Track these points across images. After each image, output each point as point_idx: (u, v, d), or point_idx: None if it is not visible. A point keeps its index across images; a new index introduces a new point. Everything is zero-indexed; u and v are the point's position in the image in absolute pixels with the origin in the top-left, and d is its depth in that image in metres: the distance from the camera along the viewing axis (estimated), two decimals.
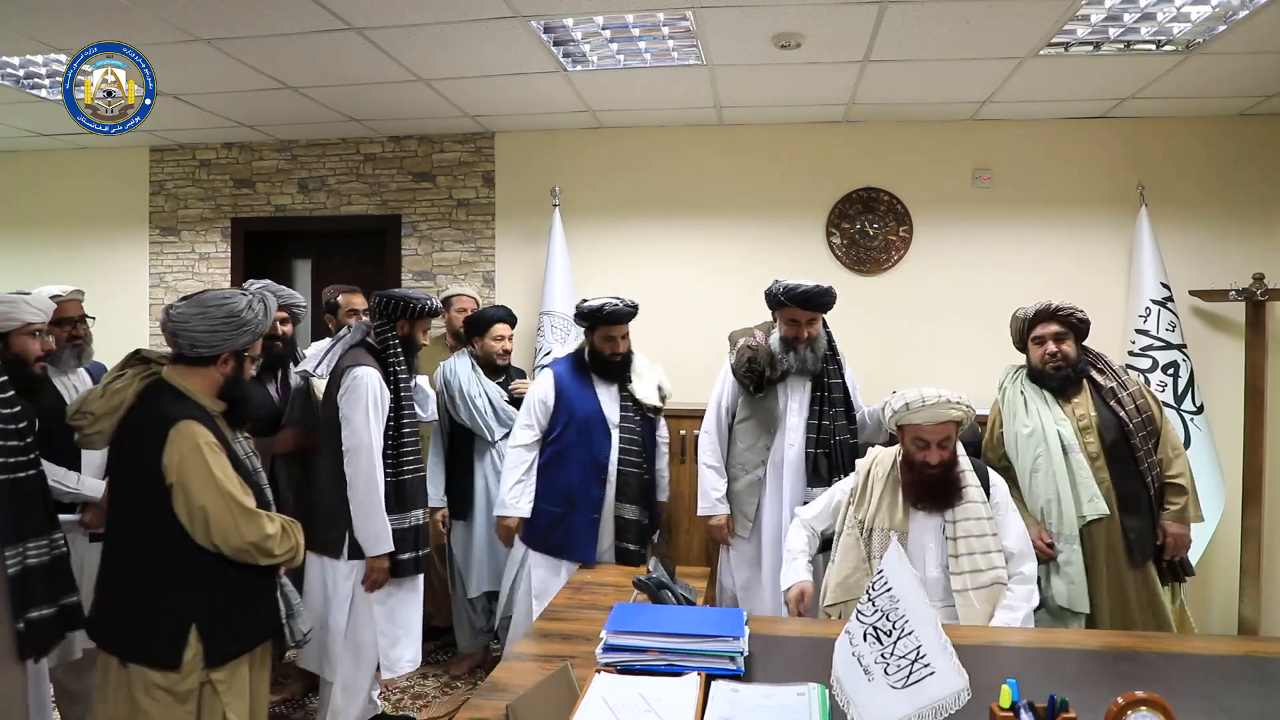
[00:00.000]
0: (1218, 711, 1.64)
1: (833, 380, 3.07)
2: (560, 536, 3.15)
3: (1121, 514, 2.70)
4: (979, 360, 4.27)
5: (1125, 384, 2.82)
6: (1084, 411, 2.78)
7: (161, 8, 2.98)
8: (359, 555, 2.69)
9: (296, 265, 5.22)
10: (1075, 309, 2.84)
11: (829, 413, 3.02)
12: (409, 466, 2.80)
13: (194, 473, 1.99)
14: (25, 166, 5.04)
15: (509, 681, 1.85)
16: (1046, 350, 2.82)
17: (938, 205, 4.37)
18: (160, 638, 1.98)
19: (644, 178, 4.58)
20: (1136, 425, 2.74)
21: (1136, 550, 2.69)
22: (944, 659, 1.35)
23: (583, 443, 3.18)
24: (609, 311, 3.18)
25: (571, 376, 3.29)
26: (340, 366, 2.78)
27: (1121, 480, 2.72)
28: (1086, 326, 2.86)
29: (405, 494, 2.78)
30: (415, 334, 2.89)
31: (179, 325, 2.09)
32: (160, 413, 2.04)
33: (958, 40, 3.24)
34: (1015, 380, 2.92)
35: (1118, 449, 2.73)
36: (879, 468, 2.53)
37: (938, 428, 2.37)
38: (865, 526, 2.43)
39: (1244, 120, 4.15)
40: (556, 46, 3.42)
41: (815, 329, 3.04)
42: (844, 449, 3.02)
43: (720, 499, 3.14)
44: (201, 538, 2.01)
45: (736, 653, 1.79)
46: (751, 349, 3.02)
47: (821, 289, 3.00)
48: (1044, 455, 2.71)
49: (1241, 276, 3.98)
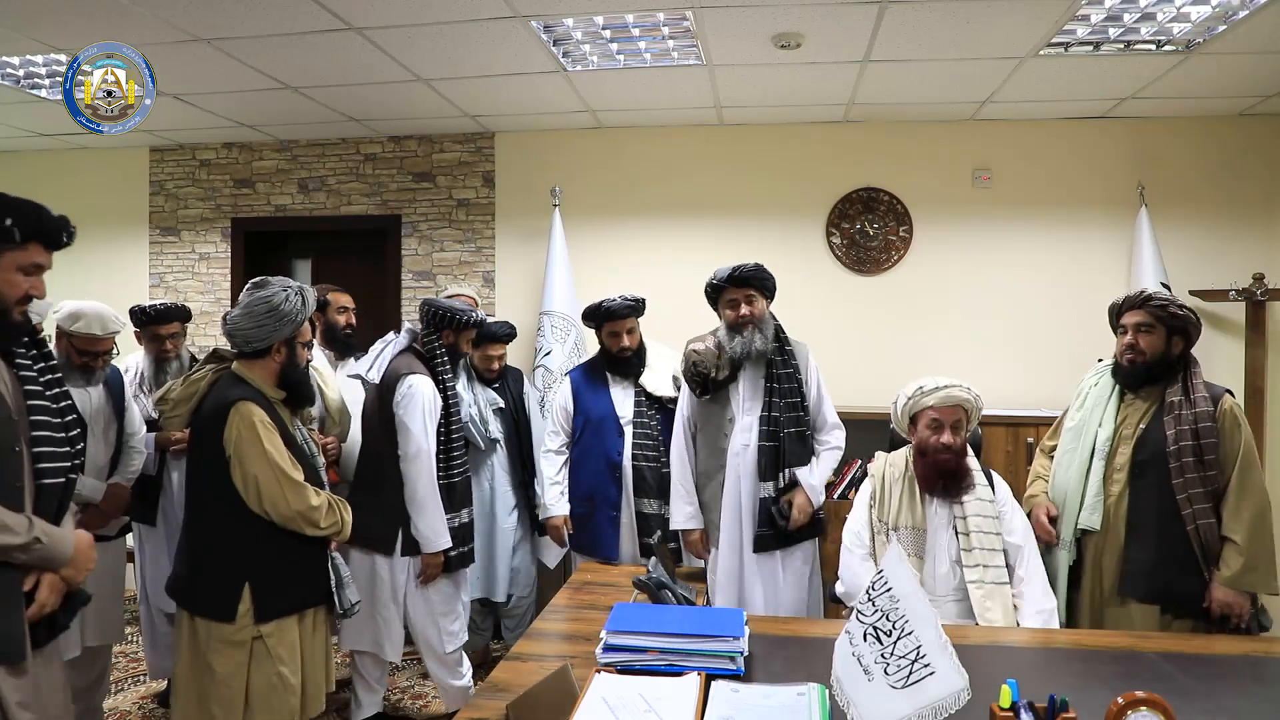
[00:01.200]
0: (1218, 711, 1.64)
1: (782, 370, 2.86)
2: (589, 535, 3.30)
3: (1128, 538, 2.43)
4: (979, 360, 4.29)
5: (1195, 402, 2.40)
6: (1136, 419, 2.51)
7: (161, 8, 2.98)
8: (412, 551, 2.84)
9: (296, 265, 5.22)
10: (1172, 300, 2.50)
11: (778, 404, 2.83)
12: (457, 469, 2.95)
13: (248, 446, 2.25)
14: (25, 166, 5.04)
15: (509, 681, 1.84)
16: (1125, 341, 2.53)
17: (938, 205, 4.37)
18: (219, 593, 2.27)
19: (644, 178, 4.58)
20: (1182, 449, 2.36)
21: (1129, 583, 2.41)
22: (944, 659, 1.35)
23: (597, 442, 3.29)
24: (608, 308, 3.29)
25: (587, 379, 3.40)
26: (393, 373, 2.89)
27: (1141, 503, 2.43)
28: (1185, 325, 2.47)
29: (455, 494, 2.92)
30: (460, 344, 3.04)
31: (233, 327, 2.37)
32: (224, 396, 2.32)
33: (958, 40, 3.24)
34: (1096, 373, 2.70)
35: (1148, 470, 2.42)
36: (892, 469, 2.56)
37: (950, 409, 2.44)
38: (889, 526, 2.47)
39: (1244, 120, 4.15)
40: (556, 46, 3.42)
41: (758, 308, 2.85)
42: (791, 440, 2.82)
43: (690, 514, 2.95)
44: (255, 505, 2.26)
45: (736, 653, 1.78)
46: (697, 352, 2.89)
47: (752, 264, 2.87)
48: (1073, 452, 2.58)
49: (1241, 276, 3.98)
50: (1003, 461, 3.88)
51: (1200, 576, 2.36)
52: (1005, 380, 4.22)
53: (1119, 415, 2.55)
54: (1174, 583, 2.37)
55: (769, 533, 2.81)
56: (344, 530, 2.41)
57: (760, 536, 2.82)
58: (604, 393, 3.33)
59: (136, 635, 3.63)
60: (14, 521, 1.61)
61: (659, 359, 3.40)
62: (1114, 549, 2.45)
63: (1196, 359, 2.53)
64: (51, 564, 1.68)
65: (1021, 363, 4.24)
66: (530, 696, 1.55)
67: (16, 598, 1.64)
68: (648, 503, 3.23)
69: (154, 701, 3.38)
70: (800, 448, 2.84)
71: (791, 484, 2.83)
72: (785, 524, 2.79)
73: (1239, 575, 2.31)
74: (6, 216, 1.65)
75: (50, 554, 1.67)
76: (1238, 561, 2.31)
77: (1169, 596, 2.39)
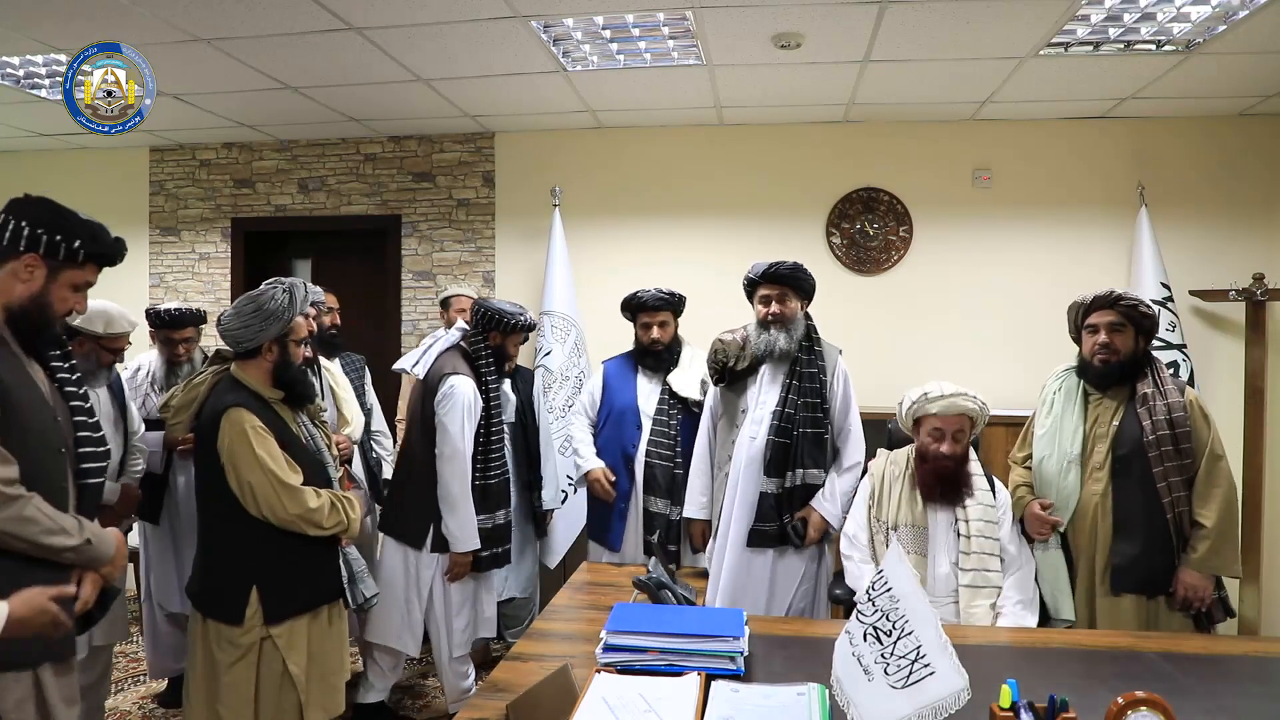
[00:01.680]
0: (1218, 711, 1.64)
1: (806, 370, 2.84)
2: (600, 523, 3.35)
3: (1115, 535, 2.45)
4: (979, 360, 4.29)
5: (1166, 393, 2.46)
6: (1108, 416, 2.52)
7: (161, 8, 2.98)
8: (442, 549, 2.89)
9: (296, 265, 5.22)
10: (1141, 301, 2.53)
11: (795, 401, 2.80)
12: (495, 470, 2.99)
13: (240, 453, 2.25)
14: (25, 166, 5.04)
15: (509, 681, 1.84)
16: (1098, 340, 2.51)
17: (938, 205, 4.37)
18: (227, 596, 2.29)
19: (644, 178, 4.58)
20: (1160, 439, 2.40)
21: (1119, 577, 2.43)
22: (944, 659, 1.35)
23: (616, 434, 3.33)
24: (640, 298, 3.34)
25: (620, 370, 3.45)
26: (437, 371, 2.92)
27: (1124, 498, 2.45)
28: (1150, 324, 2.53)
29: (490, 496, 2.96)
30: (507, 346, 3.07)
31: (224, 329, 2.38)
32: (218, 403, 2.33)
33: (958, 40, 3.24)
34: (1058, 378, 2.69)
35: (1129, 464, 2.44)
36: (893, 467, 2.56)
37: (953, 419, 2.43)
38: (888, 525, 2.46)
39: (1244, 120, 4.15)
40: (556, 46, 3.42)
41: (789, 308, 2.85)
42: (806, 440, 2.78)
43: (702, 505, 2.98)
44: (253, 510, 2.27)
45: (736, 653, 1.79)
46: (722, 341, 2.93)
47: (789, 263, 2.87)
48: (1048, 458, 2.59)
49: (1241, 276, 3.98)
50: (1002, 461, 3.83)
51: (1158, 552, 2.42)
52: (1005, 380, 4.21)
53: (1089, 415, 2.56)
54: (1158, 571, 2.42)
55: (765, 528, 2.77)
56: (351, 528, 2.41)
57: (755, 531, 2.77)
58: (631, 384, 3.37)
59: (137, 635, 3.63)
60: (68, 524, 1.65)
61: (693, 360, 3.38)
62: (1102, 546, 2.47)
63: (1154, 355, 2.61)
64: (97, 563, 1.71)
65: (1021, 363, 4.23)
66: (530, 696, 1.55)
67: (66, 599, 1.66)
68: (655, 501, 3.23)
69: (154, 701, 3.38)
70: (816, 450, 2.79)
71: (802, 485, 2.77)
72: (800, 542, 2.77)
73: (1205, 558, 2.37)
74: (78, 239, 1.74)
75: (98, 554, 1.70)
76: (1204, 545, 2.38)
77: (1154, 585, 2.43)
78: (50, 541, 1.61)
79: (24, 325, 1.72)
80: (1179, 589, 2.40)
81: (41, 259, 1.71)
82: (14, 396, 1.63)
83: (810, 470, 2.78)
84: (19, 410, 1.63)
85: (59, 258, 1.72)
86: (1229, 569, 2.41)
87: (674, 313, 3.43)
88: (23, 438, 1.62)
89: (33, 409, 1.68)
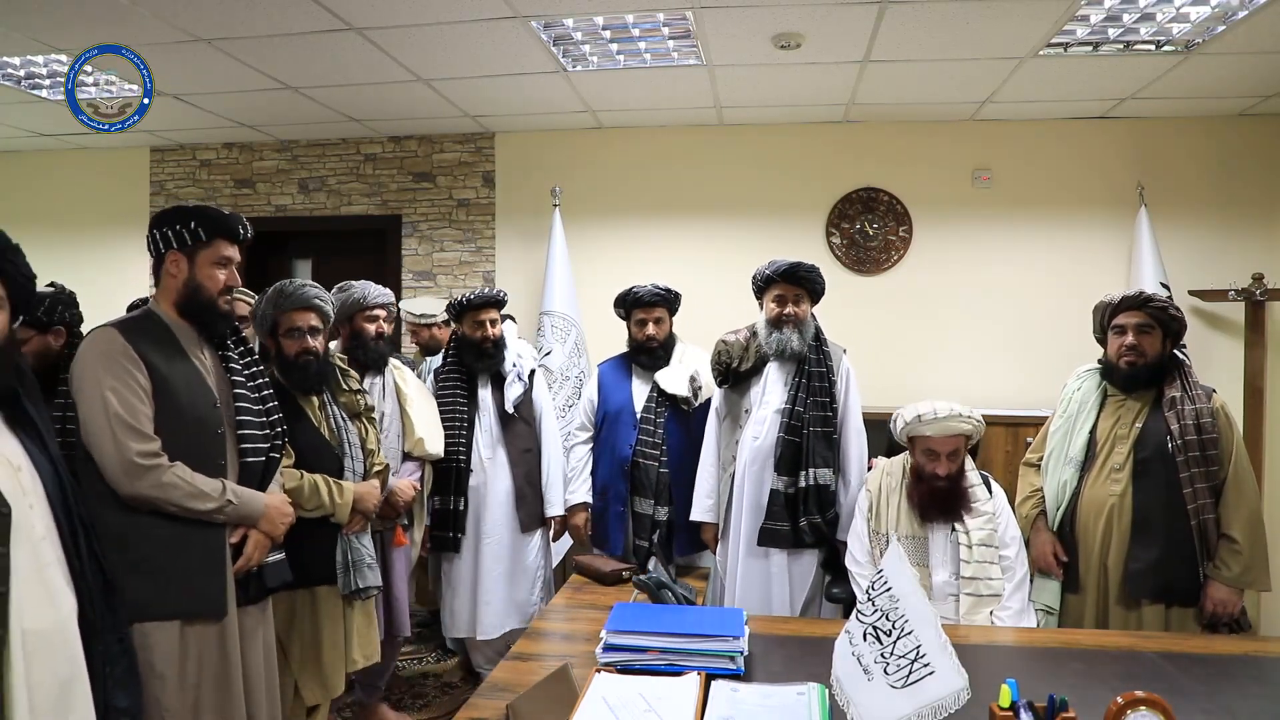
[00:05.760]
0: (1218, 711, 1.64)
1: (815, 369, 2.83)
2: (601, 529, 3.27)
3: (1133, 538, 2.38)
4: (979, 360, 4.30)
5: (1195, 398, 2.40)
6: (1130, 418, 2.47)
7: (161, 8, 2.98)
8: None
9: (297, 265, 5.22)
10: (1170, 304, 2.49)
11: (804, 400, 2.80)
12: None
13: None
14: (25, 166, 5.04)
15: (509, 681, 1.84)
16: (1125, 341, 2.46)
17: (938, 205, 4.37)
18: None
19: (644, 178, 4.58)
20: (1188, 443, 2.34)
21: (1135, 583, 2.37)
22: (944, 659, 1.35)
23: (612, 436, 3.25)
24: (635, 294, 3.26)
25: (614, 371, 3.38)
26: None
27: (1145, 501, 2.38)
28: (1179, 326, 2.48)
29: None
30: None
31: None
32: None
33: (958, 40, 3.24)
34: (1079, 379, 2.65)
35: (1151, 465, 2.39)
36: (889, 478, 2.53)
37: (947, 440, 2.38)
38: (885, 536, 2.43)
39: (1244, 120, 4.15)
40: (556, 46, 3.42)
41: (803, 309, 2.85)
42: (817, 439, 2.77)
43: (709, 508, 2.96)
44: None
45: (736, 652, 1.79)
46: (725, 343, 2.90)
47: (806, 264, 2.86)
48: (1056, 454, 2.57)
49: (1241, 276, 3.98)
50: (1002, 461, 3.87)
51: (1199, 568, 2.36)
52: (1005, 380, 4.22)
53: (1112, 417, 2.51)
54: (1177, 578, 2.36)
55: (776, 528, 2.74)
56: (338, 513, 2.42)
57: (765, 530, 2.75)
58: (625, 385, 3.28)
59: None
60: (209, 487, 1.89)
61: (684, 356, 3.30)
62: (1117, 548, 2.41)
63: (1181, 357, 2.55)
64: (247, 520, 1.98)
65: (1021, 363, 4.24)
66: (530, 696, 1.55)
67: (217, 558, 1.92)
68: (641, 501, 3.13)
69: None
70: (826, 449, 2.77)
71: (814, 485, 2.74)
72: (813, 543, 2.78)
73: (1240, 575, 2.32)
74: (191, 220, 1.97)
75: (244, 512, 1.96)
76: (1239, 562, 2.32)
77: (1173, 592, 2.38)
78: (192, 505, 1.86)
79: (191, 310, 1.99)
80: (1208, 604, 2.34)
81: (179, 252, 1.98)
82: (171, 385, 1.89)
83: (821, 470, 2.75)
84: (175, 396, 1.89)
85: (188, 244, 1.97)
86: (1263, 583, 2.36)
87: (670, 310, 3.33)
88: (179, 420, 1.89)
89: (191, 395, 1.92)
